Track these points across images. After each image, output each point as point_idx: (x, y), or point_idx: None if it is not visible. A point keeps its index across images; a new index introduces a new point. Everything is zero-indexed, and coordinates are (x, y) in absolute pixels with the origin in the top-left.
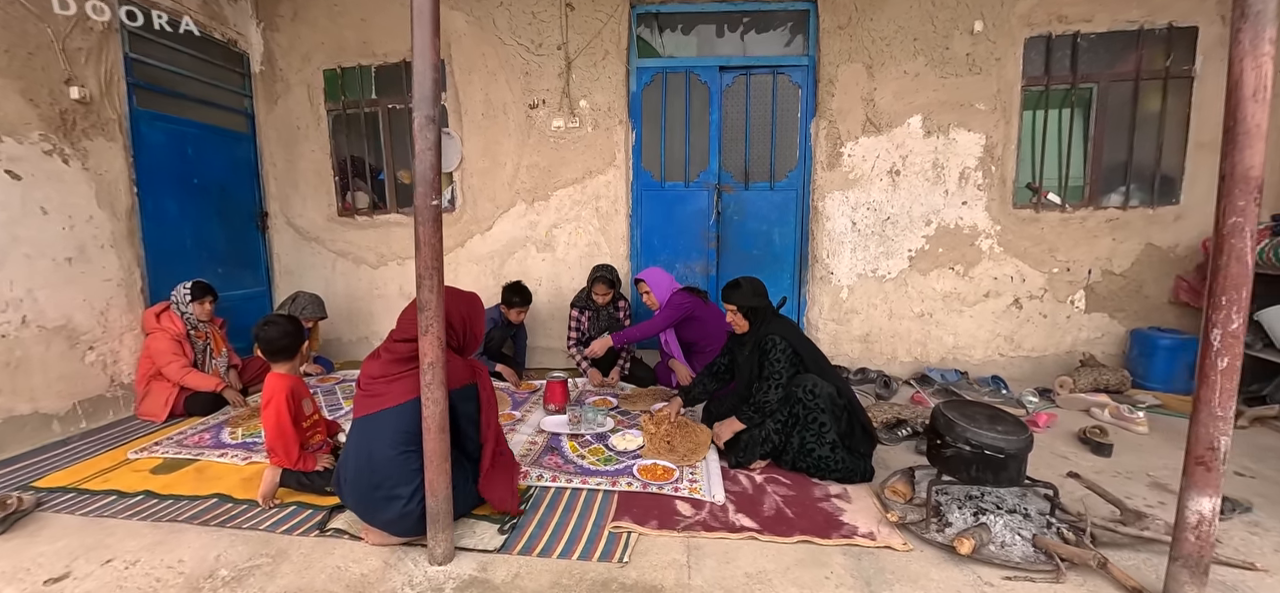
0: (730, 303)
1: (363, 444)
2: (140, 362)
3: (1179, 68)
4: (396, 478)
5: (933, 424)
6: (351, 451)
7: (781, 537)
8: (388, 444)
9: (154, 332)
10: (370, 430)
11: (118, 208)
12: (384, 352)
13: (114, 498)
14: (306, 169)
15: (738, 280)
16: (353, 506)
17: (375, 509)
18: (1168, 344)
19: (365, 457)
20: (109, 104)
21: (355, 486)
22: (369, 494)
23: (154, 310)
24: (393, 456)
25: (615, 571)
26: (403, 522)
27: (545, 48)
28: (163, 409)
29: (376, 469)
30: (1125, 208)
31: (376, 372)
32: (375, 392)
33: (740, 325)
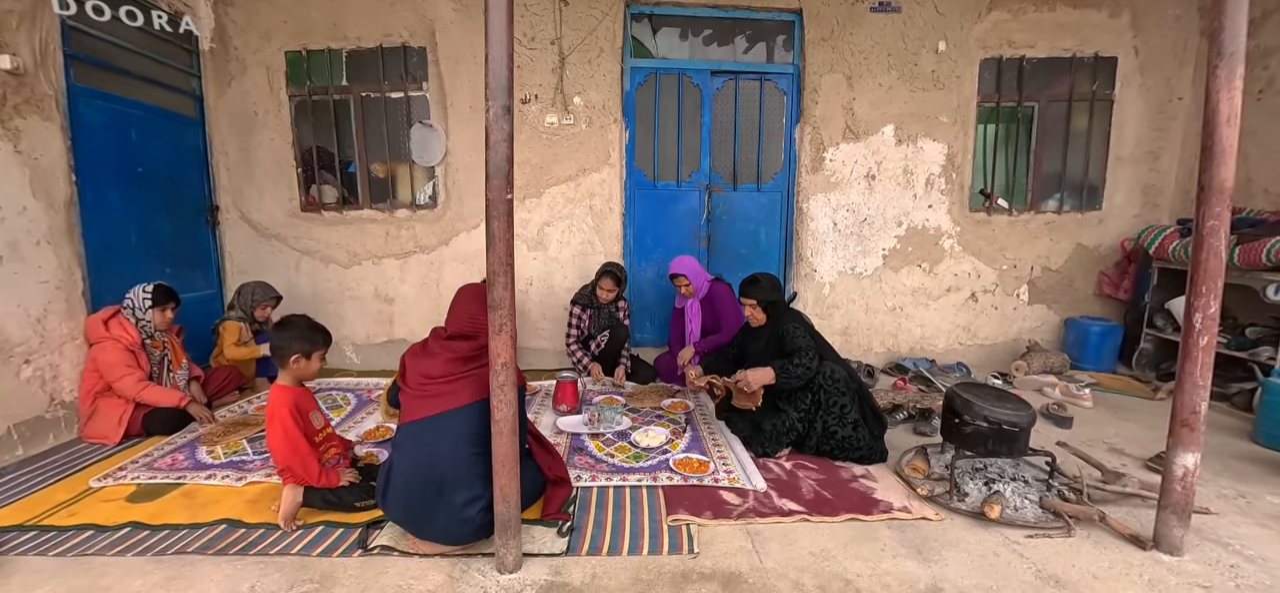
0: (750, 297)
1: (422, 447)
2: (84, 376)
3: (1102, 92)
4: (459, 482)
5: (949, 405)
6: (407, 455)
7: (830, 517)
8: (453, 447)
9: (102, 342)
10: (431, 433)
11: (55, 198)
12: (440, 349)
13: (92, 533)
14: (264, 159)
15: (756, 277)
16: (402, 516)
17: (430, 518)
18: (1098, 330)
19: (424, 461)
20: (44, 77)
21: (410, 492)
22: (427, 501)
23: (100, 317)
24: (458, 459)
25: (689, 562)
26: (461, 529)
27: (538, 42)
28: (116, 429)
29: (438, 474)
30: (1060, 212)
31: (436, 371)
32: (435, 392)
33: (758, 319)
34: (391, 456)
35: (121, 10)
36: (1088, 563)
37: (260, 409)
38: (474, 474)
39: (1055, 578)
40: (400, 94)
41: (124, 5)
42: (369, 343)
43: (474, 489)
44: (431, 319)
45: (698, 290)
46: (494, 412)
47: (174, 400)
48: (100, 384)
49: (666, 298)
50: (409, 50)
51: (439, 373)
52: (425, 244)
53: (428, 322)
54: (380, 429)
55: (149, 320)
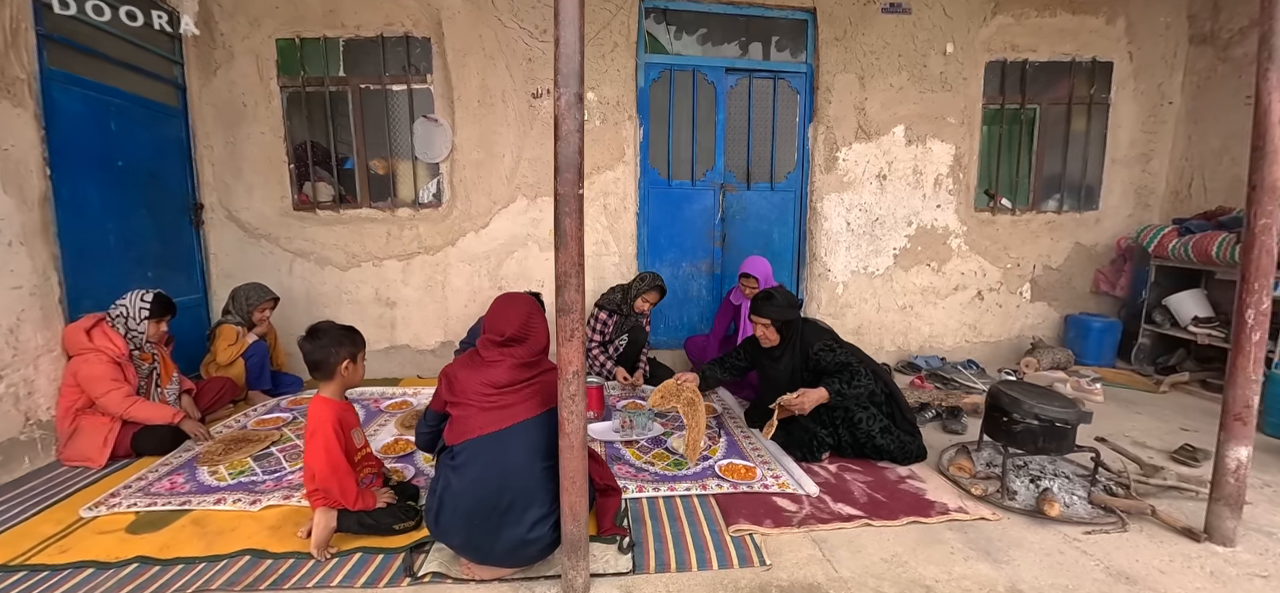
0: (763, 317)
1: (490, 465)
2: (62, 391)
3: (1099, 96)
4: (530, 500)
5: (995, 403)
6: (469, 474)
7: (890, 520)
8: (525, 462)
9: (83, 353)
10: (500, 449)
11: (27, 194)
12: (501, 357)
13: (92, 571)
14: (253, 154)
15: (769, 292)
16: (462, 541)
17: (494, 540)
18: (1099, 327)
19: (493, 479)
20: (15, 60)
21: (472, 514)
22: (493, 522)
23: (81, 325)
24: (529, 475)
25: (764, 575)
26: (526, 550)
27: (549, 34)
28: (101, 451)
29: (508, 492)
30: (1060, 212)
31: (502, 380)
32: (503, 404)
33: (771, 339)
34: (445, 476)
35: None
36: (1149, 558)
37: (260, 424)
38: (544, 491)
39: (1124, 574)
40: (402, 87)
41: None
42: (369, 350)
43: (543, 507)
44: (436, 324)
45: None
46: (564, 423)
47: (166, 417)
48: (82, 400)
49: (679, 299)
50: (412, 41)
51: (506, 381)
52: (430, 245)
53: (432, 326)
54: (398, 444)
55: (141, 331)
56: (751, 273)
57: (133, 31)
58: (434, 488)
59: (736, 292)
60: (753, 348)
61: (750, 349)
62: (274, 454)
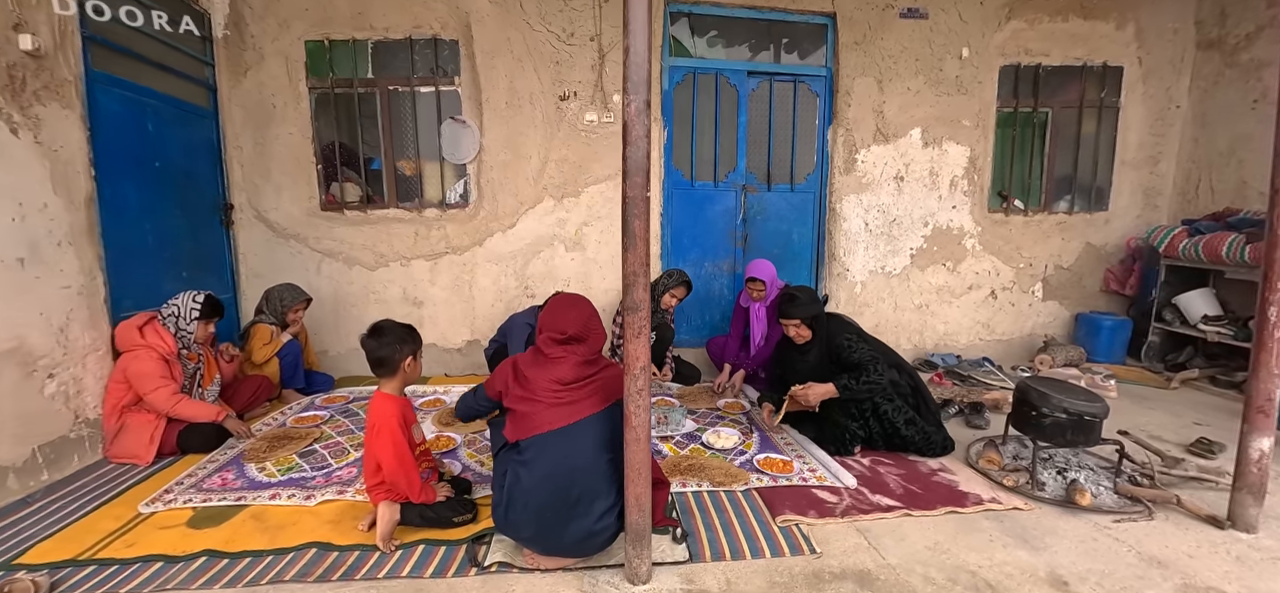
0: (792, 318)
1: (559, 459)
2: (110, 388)
3: (1110, 100)
4: (597, 492)
5: (1024, 398)
6: (538, 469)
7: (928, 510)
8: (592, 456)
9: (134, 350)
10: (568, 443)
11: (75, 195)
12: (564, 354)
13: (161, 565)
14: (282, 154)
15: (793, 294)
16: (532, 533)
17: (563, 530)
18: (1110, 325)
19: (562, 472)
20: (63, 61)
21: (542, 507)
22: (562, 514)
23: (133, 323)
24: (596, 468)
25: (816, 562)
26: (593, 540)
27: (577, 38)
28: (148, 448)
29: (577, 485)
30: (1071, 213)
31: (568, 376)
32: (570, 399)
33: (803, 336)
34: (513, 472)
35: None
36: (1178, 544)
37: (299, 422)
38: (609, 483)
39: (1156, 559)
40: (430, 89)
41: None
42: None
43: (609, 498)
44: (463, 323)
45: (768, 296)
46: (631, 417)
47: (210, 415)
48: (129, 397)
49: (701, 299)
50: (440, 43)
51: (572, 378)
52: (457, 245)
53: (459, 326)
54: (439, 440)
55: (190, 331)
56: (758, 276)
57: (167, 33)
58: (500, 483)
59: (744, 295)
60: (783, 347)
61: (781, 352)
62: (318, 451)
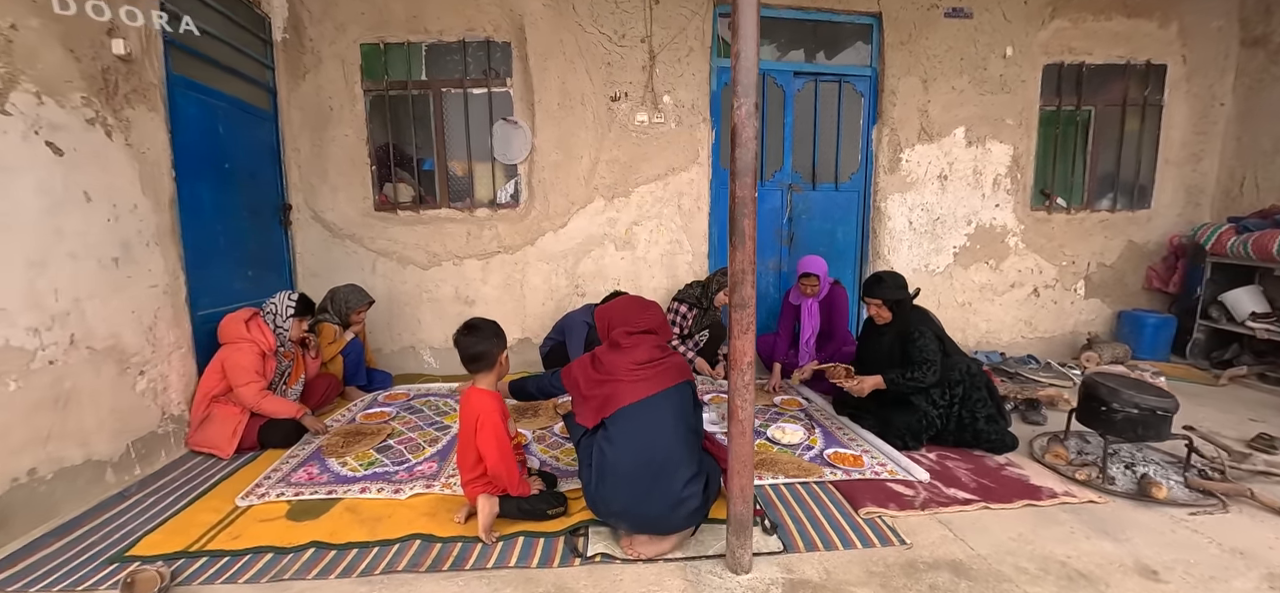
0: (875, 297)
1: (641, 430)
2: (206, 376)
3: (1153, 98)
4: (678, 463)
5: (1092, 393)
6: (623, 443)
7: (1006, 503)
8: (672, 426)
9: (238, 342)
10: (649, 414)
11: (160, 196)
12: (639, 341)
13: (272, 556)
14: (338, 156)
15: (880, 275)
16: (623, 505)
17: (651, 497)
18: (1154, 323)
19: (645, 443)
20: (149, 65)
21: (633, 475)
22: (647, 484)
23: (240, 316)
24: (676, 438)
25: (908, 553)
26: (680, 509)
27: (628, 39)
28: (229, 441)
29: (659, 455)
30: (1113, 211)
31: (644, 357)
32: (647, 376)
33: (884, 317)
34: (599, 451)
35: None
36: (1256, 535)
37: (368, 418)
38: (689, 452)
39: (1238, 550)
40: (482, 90)
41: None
42: (447, 347)
43: (691, 467)
44: (514, 322)
45: (820, 291)
46: (737, 411)
47: (291, 412)
48: (221, 387)
49: None
50: (493, 45)
51: (647, 359)
52: (509, 244)
53: (510, 324)
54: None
55: (286, 329)
56: (812, 271)
57: (235, 36)
58: (588, 463)
59: (795, 291)
60: (867, 330)
61: (865, 332)
62: (393, 446)
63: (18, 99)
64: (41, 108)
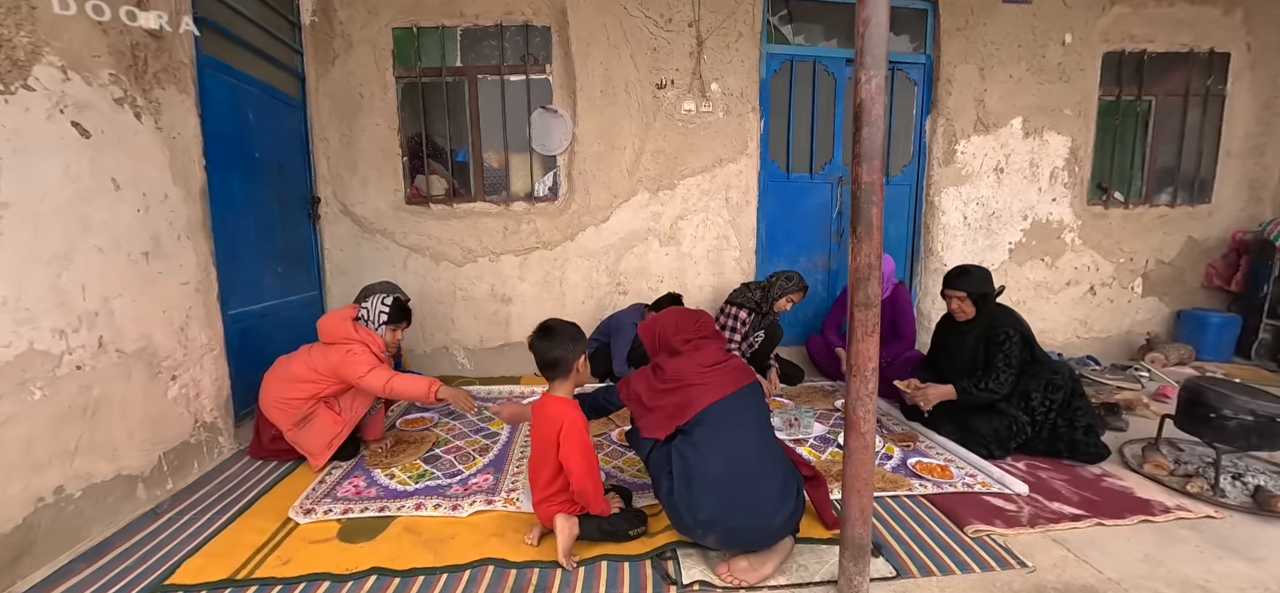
0: (959, 290)
1: (729, 431)
2: (301, 379)
3: (1216, 88)
4: (770, 463)
5: (1199, 399)
6: (715, 439)
7: (1120, 519)
8: (754, 421)
9: (349, 342)
10: (728, 413)
11: (191, 185)
12: (700, 344)
13: (329, 585)
14: (368, 147)
15: (966, 268)
16: (712, 512)
17: (744, 512)
18: (1218, 322)
19: (734, 443)
20: (180, 44)
21: (724, 478)
22: (741, 491)
23: (344, 314)
24: (759, 433)
25: (1031, 577)
26: (777, 516)
27: (675, 23)
28: (325, 450)
29: (748, 446)
30: (1172, 205)
31: (710, 360)
32: (718, 377)
33: (967, 312)
34: (680, 457)
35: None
36: None
37: (408, 424)
38: (775, 453)
39: None
40: (520, 77)
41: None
42: (482, 347)
43: (780, 467)
44: None
45: (884, 291)
46: (857, 422)
47: (423, 387)
48: (330, 388)
49: None
50: (531, 29)
51: (714, 361)
52: (548, 240)
53: None
54: None
55: (381, 335)
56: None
57: (264, 17)
58: (666, 472)
59: None
60: (942, 330)
61: (940, 333)
62: (441, 456)
63: (41, 73)
64: (67, 84)
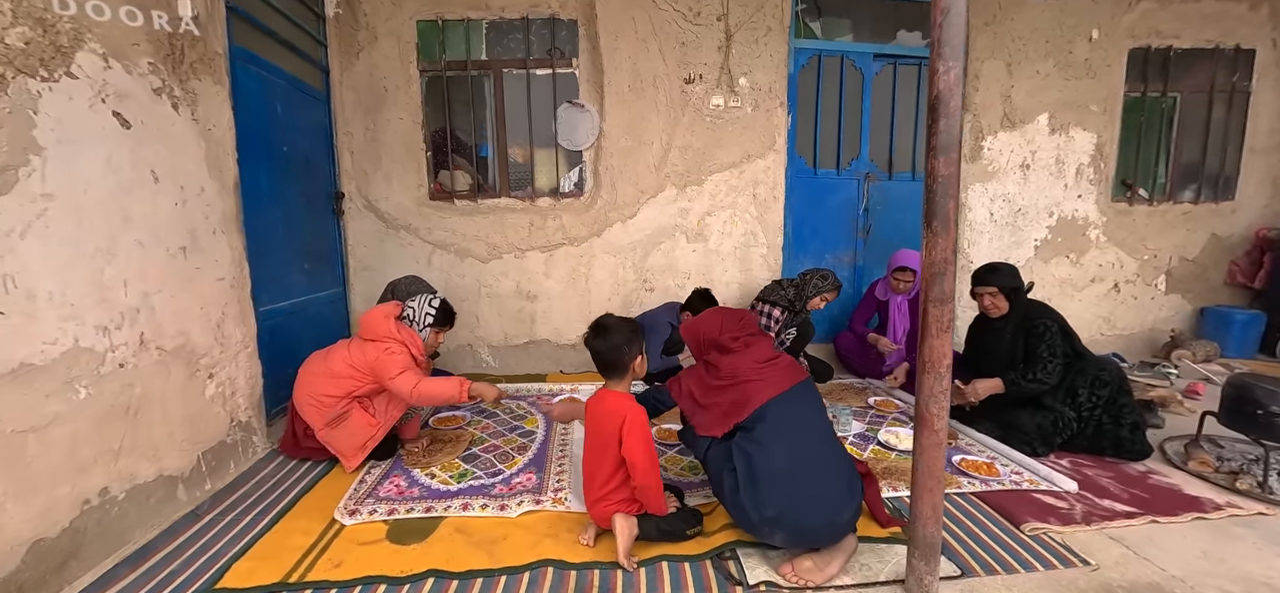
0: (990, 285)
1: (793, 426)
2: (339, 375)
3: (1241, 84)
4: (834, 459)
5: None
6: (778, 432)
7: (1174, 517)
8: (817, 422)
9: (387, 341)
10: (786, 408)
11: (226, 179)
12: (750, 341)
13: (386, 590)
14: (392, 141)
15: (995, 265)
16: (779, 508)
17: (810, 509)
18: (1243, 319)
19: (799, 439)
20: (213, 32)
21: (790, 472)
22: (808, 487)
23: (387, 312)
24: (818, 431)
25: (1096, 576)
26: (840, 517)
27: (704, 17)
28: (358, 453)
29: (815, 450)
30: (1196, 202)
31: (764, 355)
32: (773, 372)
33: (1000, 308)
34: (742, 454)
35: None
36: None
37: (441, 423)
38: (836, 449)
39: None
40: (546, 71)
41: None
42: (507, 344)
43: (842, 462)
44: (578, 317)
45: (913, 289)
46: (930, 419)
47: (454, 389)
48: (366, 387)
49: None
50: (558, 23)
51: (767, 357)
52: (574, 236)
53: (574, 321)
54: None
55: (425, 337)
56: (909, 266)
57: (290, 8)
58: (727, 469)
59: (883, 285)
60: (977, 329)
61: (975, 332)
62: (479, 455)
63: (84, 61)
64: (108, 72)
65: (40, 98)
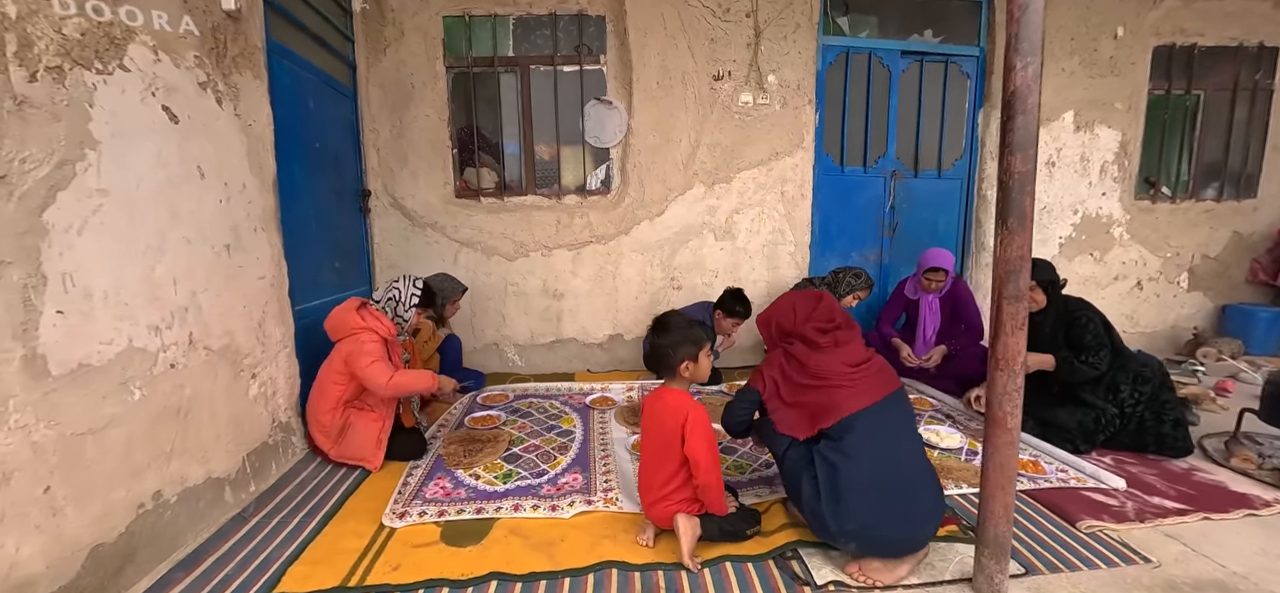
0: (1028, 280)
1: (882, 442)
2: (330, 383)
3: (1264, 82)
4: (924, 476)
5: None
6: (867, 445)
7: (1222, 514)
8: (909, 430)
9: (356, 332)
10: (881, 420)
11: (265, 176)
12: (840, 338)
13: (447, 592)
14: (418, 138)
15: (1032, 260)
16: (862, 521)
17: (894, 524)
18: (1267, 317)
19: (889, 457)
20: (253, 26)
21: (878, 485)
22: (893, 505)
23: (349, 306)
24: (915, 451)
25: (1158, 573)
26: (922, 532)
27: (733, 13)
28: (375, 451)
29: (905, 469)
30: (1218, 200)
31: (857, 358)
32: (865, 379)
33: (1038, 301)
34: (824, 462)
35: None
36: None
37: (477, 423)
38: (927, 469)
39: None
40: (574, 68)
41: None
42: (533, 343)
43: (935, 484)
44: (605, 316)
45: (944, 287)
46: (1004, 419)
47: (428, 381)
48: (352, 389)
49: None
50: (586, 19)
51: (860, 359)
52: (602, 234)
53: (600, 319)
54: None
55: (407, 319)
56: (940, 266)
57: (319, 3)
58: (808, 476)
59: (913, 284)
60: None
61: None
62: (521, 455)
63: (135, 53)
64: (158, 65)
65: (95, 91)
